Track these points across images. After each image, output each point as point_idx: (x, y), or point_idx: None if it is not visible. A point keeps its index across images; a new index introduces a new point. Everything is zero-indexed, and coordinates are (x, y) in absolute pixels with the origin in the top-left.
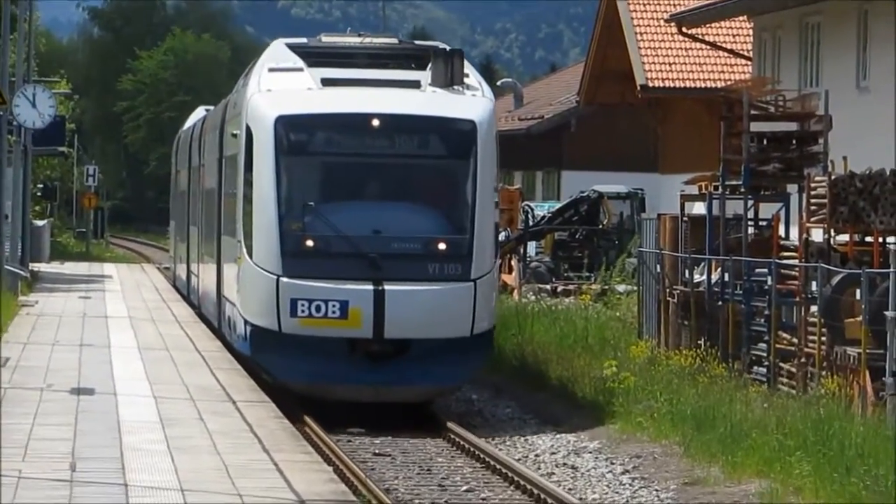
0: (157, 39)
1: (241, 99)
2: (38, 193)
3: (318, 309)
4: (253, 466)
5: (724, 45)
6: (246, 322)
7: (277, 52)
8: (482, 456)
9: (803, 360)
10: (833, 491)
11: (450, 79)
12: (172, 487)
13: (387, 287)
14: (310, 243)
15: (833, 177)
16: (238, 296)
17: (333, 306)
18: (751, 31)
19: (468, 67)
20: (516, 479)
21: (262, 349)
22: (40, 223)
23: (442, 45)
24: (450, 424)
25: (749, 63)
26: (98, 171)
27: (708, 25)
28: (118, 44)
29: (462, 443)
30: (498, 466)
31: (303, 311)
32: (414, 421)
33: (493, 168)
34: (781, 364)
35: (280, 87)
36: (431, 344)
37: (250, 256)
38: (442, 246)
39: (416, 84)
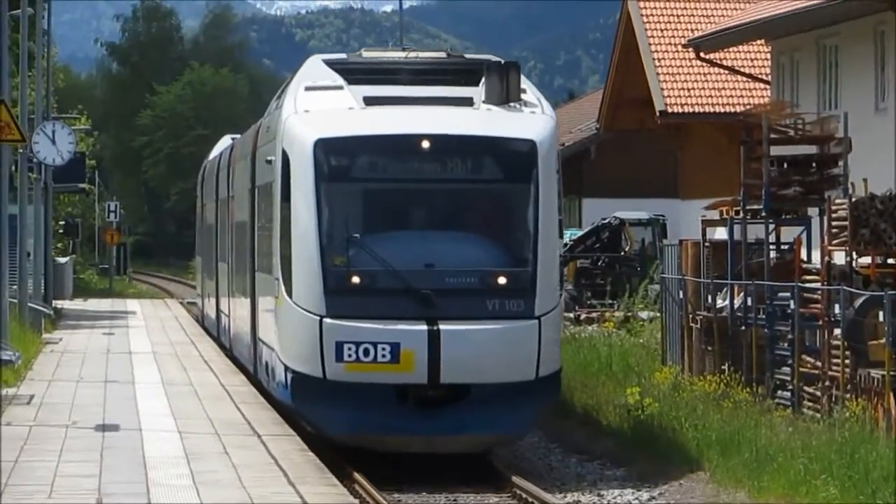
0: (175, 74)
1: (275, 122)
2: (60, 230)
3: (366, 353)
4: (278, 499)
5: (742, 69)
6: (286, 368)
7: (314, 69)
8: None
9: (827, 383)
10: None
11: (505, 95)
12: None
13: (442, 327)
14: (356, 280)
15: (854, 199)
16: (277, 339)
17: (383, 349)
18: (768, 55)
19: (525, 82)
20: None
21: (304, 398)
22: (63, 260)
23: (496, 58)
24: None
25: (767, 87)
26: (119, 206)
27: (725, 50)
28: (136, 79)
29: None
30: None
31: (349, 356)
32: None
33: (556, 192)
34: (805, 388)
35: (318, 107)
36: (493, 389)
37: (289, 295)
38: (502, 280)
39: (468, 101)
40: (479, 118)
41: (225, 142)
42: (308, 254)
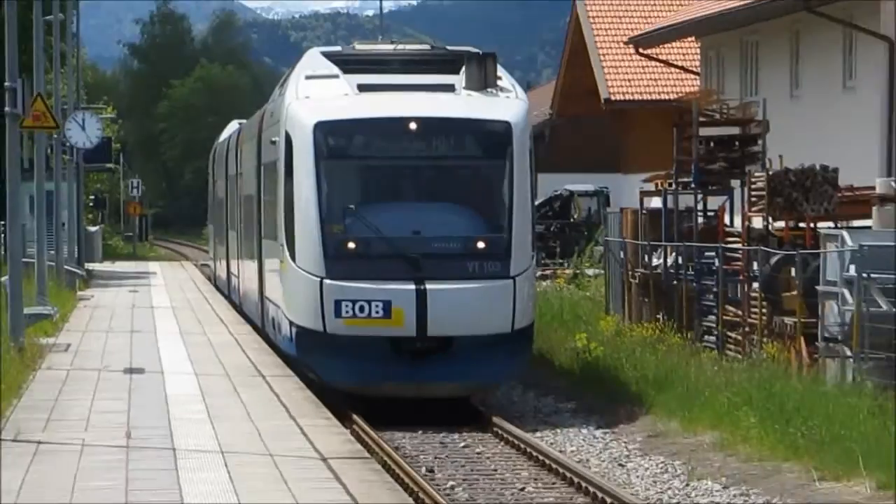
0: (188, 70)
1: (279, 107)
2: (91, 204)
3: (361, 309)
4: (282, 431)
5: (675, 62)
6: (291, 323)
7: (313, 60)
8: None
9: (747, 329)
10: (775, 439)
11: (483, 82)
12: (214, 450)
13: (428, 286)
14: (352, 245)
15: (770, 172)
16: (282, 297)
17: (377, 306)
18: (698, 50)
19: (501, 70)
20: (513, 439)
21: (307, 350)
22: (93, 229)
23: (474, 49)
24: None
25: (697, 77)
26: (141, 183)
27: (661, 46)
28: (154, 74)
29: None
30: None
31: (347, 312)
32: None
33: (529, 167)
34: (728, 333)
35: (317, 93)
36: (473, 340)
37: (293, 259)
38: (481, 245)
39: (450, 88)
40: (460, 102)
41: (232, 126)
42: (309, 223)
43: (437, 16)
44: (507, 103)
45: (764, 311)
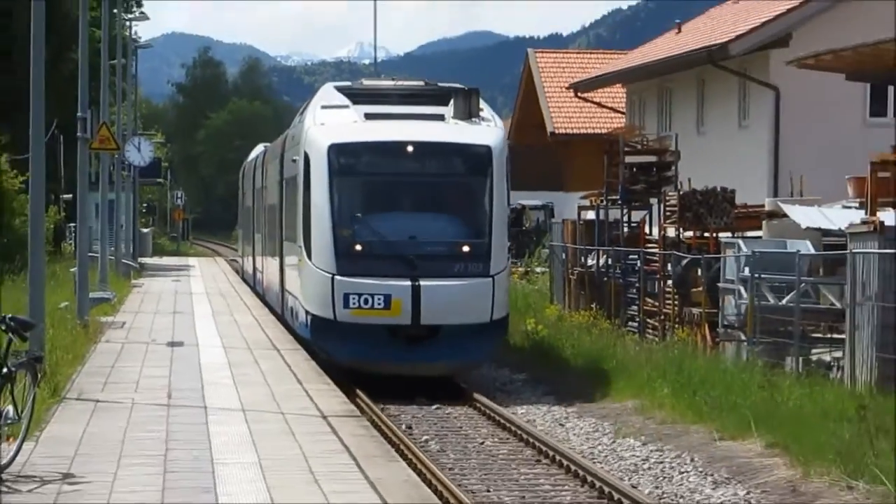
0: (222, 104)
1: (299, 131)
2: (144, 210)
3: (366, 301)
4: (292, 394)
5: (606, 104)
6: (307, 312)
7: (328, 93)
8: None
9: (662, 317)
10: (684, 406)
11: (468, 112)
12: (237, 408)
13: (422, 283)
14: (359, 247)
15: (681, 192)
16: (300, 290)
17: (379, 299)
18: (624, 94)
19: (482, 103)
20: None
21: (320, 334)
22: (145, 230)
23: (460, 86)
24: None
25: (623, 116)
26: (183, 194)
27: (595, 91)
28: (195, 107)
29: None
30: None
31: (353, 304)
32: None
33: (506, 184)
34: (648, 320)
35: (331, 120)
36: (458, 328)
37: (310, 259)
38: (466, 248)
39: (440, 117)
40: (449, 129)
41: (258, 149)
42: (323, 228)
43: (420, 65)
44: (488, 130)
45: (676, 303)
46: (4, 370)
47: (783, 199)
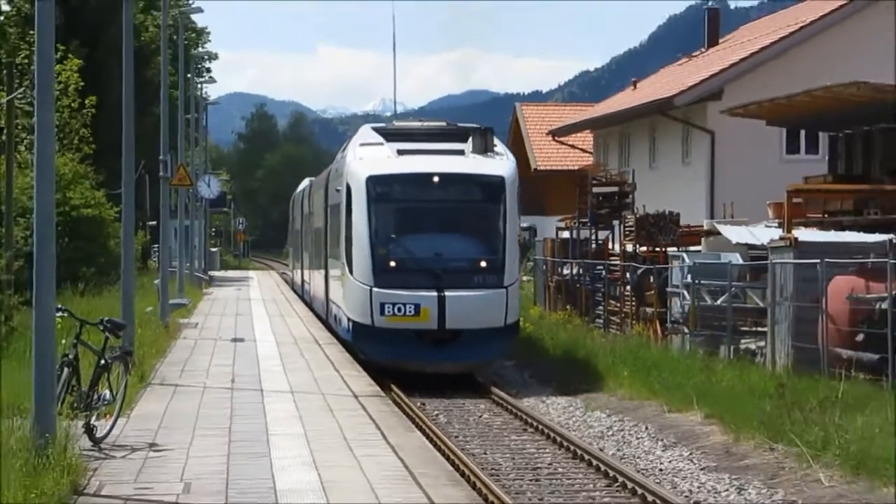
0: (274, 148)
1: (342, 165)
2: (213, 233)
3: (399, 309)
4: (330, 378)
5: (578, 146)
6: (349, 318)
7: (366, 133)
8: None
9: (623, 315)
10: (640, 385)
11: (484, 148)
12: (287, 390)
13: (446, 293)
14: (393, 263)
15: (637, 216)
16: (343, 300)
17: (410, 307)
18: (592, 138)
19: (496, 140)
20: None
21: (359, 337)
22: (214, 249)
23: (477, 125)
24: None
25: (591, 155)
26: (244, 220)
27: (569, 135)
28: (253, 152)
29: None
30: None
31: (388, 311)
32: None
33: (517, 209)
34: (611, 317)
35: (369, 156)
36: (477, 332)
37: (351, 273)
38: (483, 264)
39: (461, 152)
40: (468, 162)
41: (305, 182)
42: (363, 247)
43: (431, 117)
44: (502, 163)
45: (633, 304)
46: (102, 362)
47: (718, 220)
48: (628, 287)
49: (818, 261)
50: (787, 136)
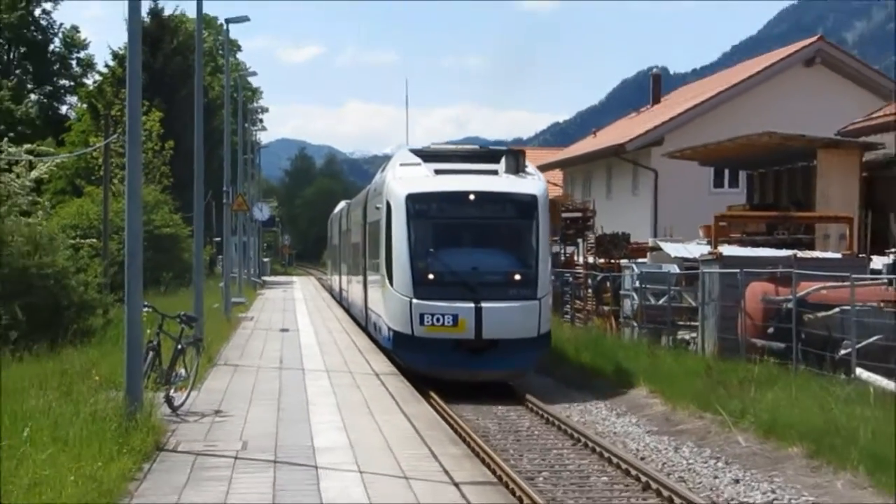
0: (312, 181)
1: (381, 184)
2: (265, 247)
3: (437, 320)
4: (357, 360)
5: (550, 181)
6: (389, 328)
7: (404, 154)
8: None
9: (586, 312)
10: (600, 366)
11: (516, 168)
12: (323, 369)
13: (483, 305)
14: (431, 276)
15: (597, 235)
16: (383, 310)
17: (448, 318)
18: (562, 175)
19: (527, 162)
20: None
21: (400, 346)
22: (265, 259)
23: (509, 148)
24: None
25: (561, 188)
26: (289, 237)
27: (544, 173)
28: (297, 185)
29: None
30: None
31: (428, 322)
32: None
33: (548, 225)
34: (577, 314)
35: (407, 175)
36: (512, 342)
37: (391, 285)
38: (518, 277)
39: (495, 172)
40: (502, 181)
41: (341, 204)
42: (403, 261)
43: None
44: (533, 182)
45: (594, 303)
46: (179, 346)
47: (660, 238)
48: (590, 290)
49: (738, 271)
50: (714, 173)
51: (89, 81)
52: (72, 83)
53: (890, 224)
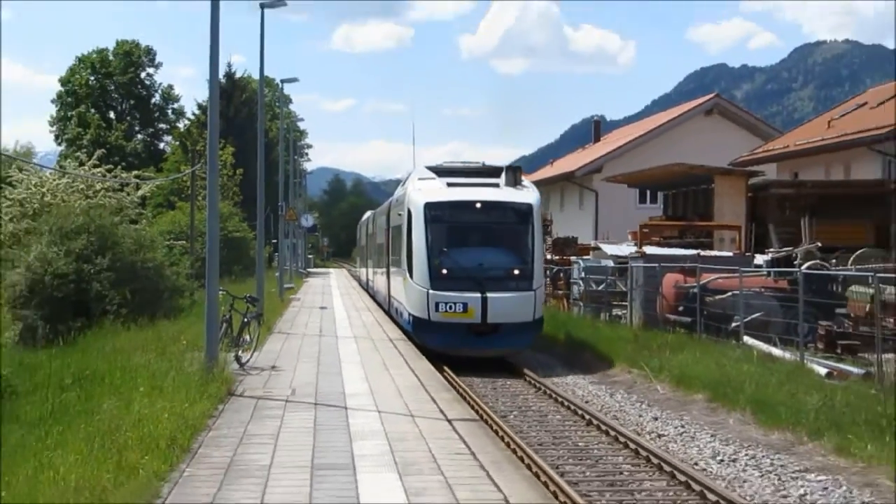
0: (344, 199)
1: (402, 195)
2: (309, 247)
3: (450, 307)
4: (376, 329)
5: None
6: (409, 314)
7: (421, 170)
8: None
9: (546, 295)
10: (555, 336)
11: (514, 181)
12: (351, 336)
13: (488, 295)
14: (445, 271)
15: (554, 238)
16: (404, 299)
17: (459, 306)
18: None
19: (523, 177)
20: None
21: (418, 329)
22: (310, 256)
23: (508, 164)
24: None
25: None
26: (327, 239)
27: None
28: (332, 202)
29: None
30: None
31: (442, 309)
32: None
33: (542, 229)
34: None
35: (425, 187)
36: (512, 325)
37: (412, 278)
38: (516, 272)
39: (496, 185)
40: (503, 192)
41: (367, 214)
42: (421, 258)
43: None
44: (529, 193)
45: (551, 288)
46: (245, 319)
47: (600, 241)
48: (548, 279)
49: (657, 265)
50: (640, 193)
51: (181, 125)
52: (168, 126)
53: (769, 231)
